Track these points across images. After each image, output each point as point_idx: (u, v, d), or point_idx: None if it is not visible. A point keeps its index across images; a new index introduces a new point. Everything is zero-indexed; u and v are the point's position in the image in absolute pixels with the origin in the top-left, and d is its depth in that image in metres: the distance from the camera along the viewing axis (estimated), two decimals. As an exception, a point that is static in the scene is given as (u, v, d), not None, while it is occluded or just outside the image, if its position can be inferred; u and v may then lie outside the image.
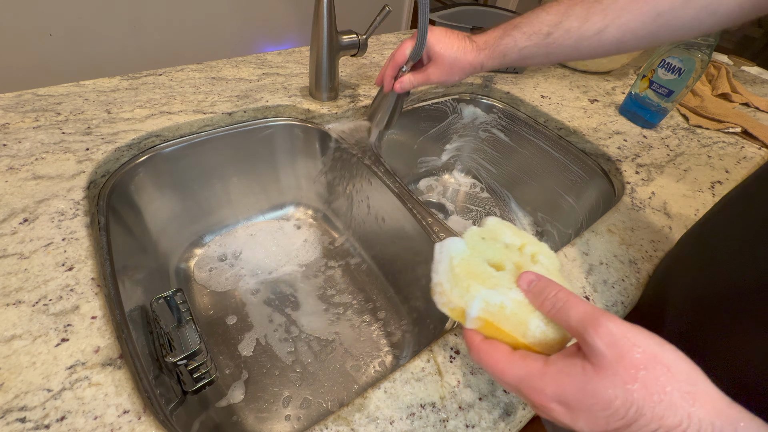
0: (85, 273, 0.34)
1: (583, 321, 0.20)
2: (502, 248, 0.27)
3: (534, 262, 0.27)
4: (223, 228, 0.66)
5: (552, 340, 0.23)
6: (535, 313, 0.23)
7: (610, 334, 0.19)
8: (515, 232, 0.29)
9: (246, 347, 0.53)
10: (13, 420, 0.26)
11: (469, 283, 0.24)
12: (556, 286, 0.23)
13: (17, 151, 0.45)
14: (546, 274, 0.25)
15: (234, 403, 0.48)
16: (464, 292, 0.24)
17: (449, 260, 0.25)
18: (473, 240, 0.27)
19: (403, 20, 2.07)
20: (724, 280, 0.34)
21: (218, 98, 0.58)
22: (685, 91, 0.64)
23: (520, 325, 0.23)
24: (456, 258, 0.25)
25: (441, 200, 0.82)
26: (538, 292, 0.23)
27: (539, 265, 0.27)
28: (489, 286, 0.24)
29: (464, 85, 0.76)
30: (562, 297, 0.22)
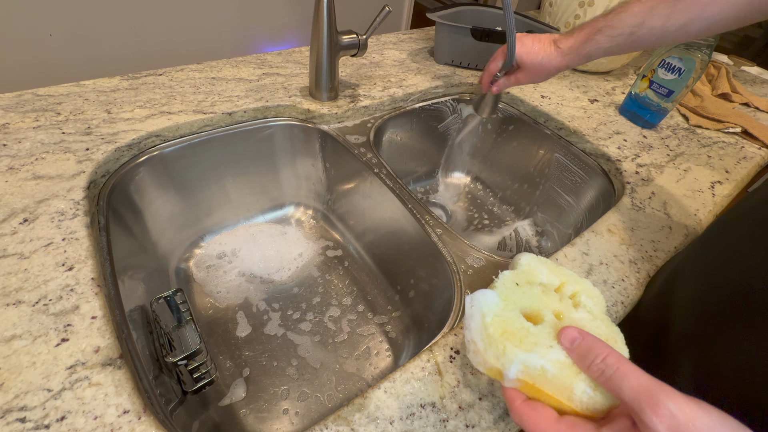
0: (85, 273, 0.34)
1: (639, 397, 0.18)
2: (538, 293, 0.25)
3: (576, 306, 0.25)
4: (223, 228, 0.66)
5: (601, 405, 0.21)
6: (580, 376, 0.21)
7: (671, 416, 0.17)
8: (552, 269, 0.27)
9: (246, 347, 0.53)
10: (13, 420, 0.26)
11: (504, 345, 0.22)
12: (603, 348, 0.21)
13: (17, 151, 0.45)
14: (590, 320, 0.24)
15: (234, 403, 0.48)
16: (500, 354, 0.22)
17: (481, 317, 0.23)
18: (506, 288, 0.25)
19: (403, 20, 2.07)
20: (731, 284, 0.34)
21: (218, 98, 0.58)
22: (685, 91, 0.64)
23: (564, 389, 0.21)
24: (488, 315, 0.23)
25: (441, 200, 0.82)
26: (583, 353, 0.21)
27: (582, 310, 0.25)
28: (527, 348, 0.22)
29: (464, 85, 0.76)
30: (612, 363, 0.20)
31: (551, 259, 0.43)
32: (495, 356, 0.22)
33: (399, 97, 0.68)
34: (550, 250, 0.72)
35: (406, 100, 0.69)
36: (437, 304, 0.49)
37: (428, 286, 0.51)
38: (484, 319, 0.23)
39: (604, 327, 0.24)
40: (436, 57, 0.82)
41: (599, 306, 0.25)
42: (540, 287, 0.25)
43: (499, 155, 0.80)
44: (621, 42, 0.41)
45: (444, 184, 0.86)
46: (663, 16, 0.38)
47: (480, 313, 0.23)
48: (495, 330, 0.23)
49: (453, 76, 0.77)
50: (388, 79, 0.72)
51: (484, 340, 0.23)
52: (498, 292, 0.24)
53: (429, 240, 0.47)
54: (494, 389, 0.32)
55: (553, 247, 0.72)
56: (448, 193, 0.84)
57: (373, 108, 0.65)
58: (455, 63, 0.80)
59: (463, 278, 0.43)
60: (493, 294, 0.24)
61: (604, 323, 0.24)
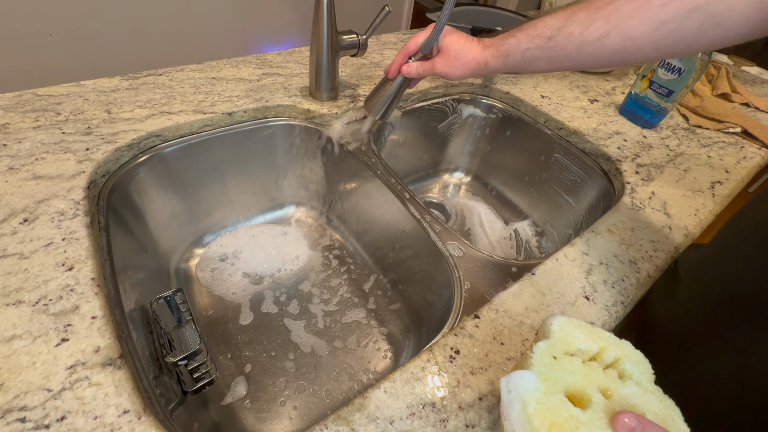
0: (85, 273, 0.34)
1: None
2: (580, 369, 0.23)
3: (622, 378, 0.23)
4: (223, 228, 0.66)
5: None
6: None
7: None
8: (587, 333, 0.25)
9: (246, 347, 0.53)
10: (13, 420, 0.26)
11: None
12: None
13: (17, 151, 0.45)
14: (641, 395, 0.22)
15: (234, 403, 0.48)
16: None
17: (522, 406, 0.21)
18: (544, 365, 0.22)
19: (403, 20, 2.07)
20: (733, 283, 0.34)
21: (218, 98, 0.58)
22: (685, 91, 0.64)
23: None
24: (530, 402, 0.20)
25: (441, 200, 0.82)
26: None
27: (630, 382, 0.22)
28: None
29: (464, 85, 0.76)
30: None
31: (550, 259, 0.43)
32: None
33: (399, 97, 0.68)
34: (550, 250, 0.72)
35: (406, 100, 0.69)
36: (437, 304, 0.49)
37: (428, 285, 0.51)
38: (526, 409, 0.20)
39: (657, 402, 0.22)
40: (436, 57, 0.82)
41: (646, 374, 0.23)
42: (580, 359, 0.23)
43: (499, 155, 0.80)
44: (540, 45, 0.40)
45: (444, 183, 0.86)
46: (583, 23, 0.36)
47: (521, 401, 0.21)
48: (541, 423, 0.20)
49: (453, 76, 0.77)
50: (388, 79, 0.72)
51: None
52: (536, 372, 0.22)
53: (429, 240, 0.47)
54: (494, 389, 0.32)
55: (553, 247, 0.72)
56: (448, 193, 0.84)
57: (373, 108, 0.65)
58: (455, 63, 0.80)
59: (462, 278, 0.43)
60: (532, 376, 0.21)
61: (656, 396, 0.22)
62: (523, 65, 0.42)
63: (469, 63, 0.45)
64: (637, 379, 0.22)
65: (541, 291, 0.40)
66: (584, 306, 0.39)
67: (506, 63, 0.43)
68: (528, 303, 0.38)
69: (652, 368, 0.23)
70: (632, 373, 0.23)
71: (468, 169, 0.87)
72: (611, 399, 0.22)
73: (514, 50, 0.42)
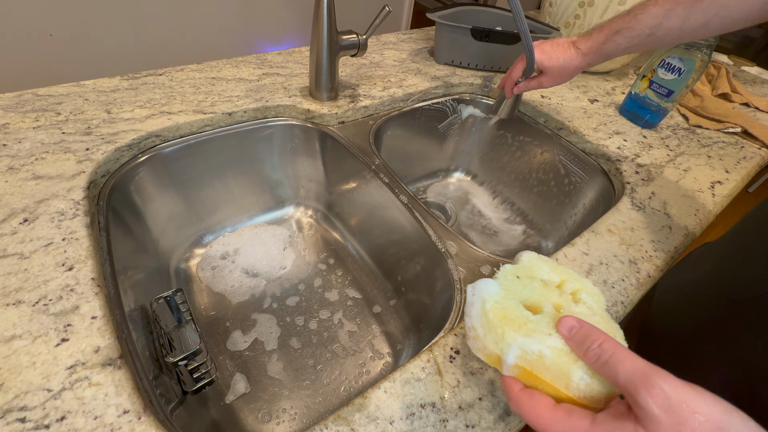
0: (85, 273, 0.34)
1: (633, 379, 0.19)
2: (539, 287, 0.25)
3: (576, 302, 0.25)
4: (223, 228, 0.66)
5: (598, 393, 0.21)
6: (578, 363, 0.21)
7: (665, 396, 0.17)
8: (553, 268, 0.27)
9: (246, 347, 0.53)
10: (13, 420, 0.26)
11: (503, 330, 0.22)
12: (600, 335, 0.21)
13: (17, 151, 0.45)
14: (590, 315, 0.24)
15: (234, 403, 0.48)
16: (499, 339, 0.22)
17: (482, 304, 0.24)
18: (507, 280, 0.25)
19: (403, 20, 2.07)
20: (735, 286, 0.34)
21: (218, 98, 0.58)
22: (685, 91, 0.64)
23: (561, 375, 0.21)
24: (489, 301, 0.23)
25: (441, 200, 0.82)
26: (580, 340, 0.21)
27: (582, 305, 0.25)
28: (525, 333, 0.22)
29: (464, 85, 0.76)
30: (608, 348, 0.20)
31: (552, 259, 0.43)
32: (494, 341, 0.23)
33: (399, 97, 0.68)
34: (551, 251, 0.72)
35: (406, 100, 0.69)
36: (437, 304, 0.49)
37: (428, 286, 0.51)
38: (485, 306, 0.23)
39: (604, 323, 0.24)
40: (436, 57, 0.82)
41: (599, 304, 0.25)
42: (541, 283, 0.26)
43: (499, 155, 0.80)
44: (639, 42, 0.43)
45: (444, 184, 0.86)
46: (681, 17, 0.39)
47: (481, 300, 0.24)
48: (495, 316, 0.23)
49: (453, 76, 0.77)
50: (388, 79, 0.72)
51: (483, 325, 0.23)
52: (499, 282, 0.25)
53: (429, 240, 0.47)
54: (494, 389, 0.32)
55: (553, 247, 0.72)
56: (448, 193, 0.84)
57: (373, 108, 0.65)
58: (455, 63, 0.80)
59: (462, 278, 0.43)
60: (494, 283, 0.25)
61: (604, 319, 0.24)
62: (622, 54, 0.47)
63: (573, 73, 0.51)
64: (590, 305, 0.25)
65: (541, 291, 0.40)
66: (584, 306, 0.39)
67: (607, 59, 0.48)
68: (528, 303, 0.38)
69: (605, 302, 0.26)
70: (586, 300, 0.25)
71: (468, 169, 0.87)
72: (562, 313, 0.24)
73: (614, 51, 0.46)
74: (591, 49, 0.47)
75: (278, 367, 0.52)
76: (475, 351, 0.24)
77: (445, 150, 0.84)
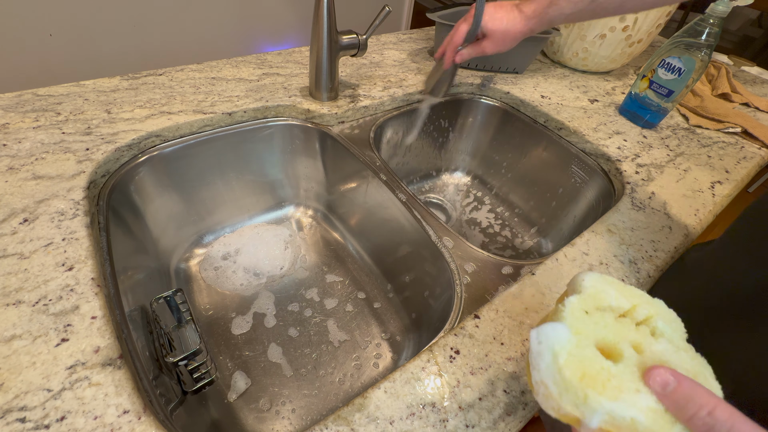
0: (85, 273, 0.34)
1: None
2: (612, 323, 0.22)
3: (654, 336, 0.22)
4: (223, 228, 0.66)
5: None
6: (676, 426, 0.18)
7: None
8: (620, 290, 0.24)
9: (246, 347, 0.53)
10: (13, 420, 0.26)
11: (586, 393, 0.19)
12: (707, 398, 0.17)
13: (17, 151, 0.45)
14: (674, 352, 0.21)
15: (234, 403, 0.48)
16: (580, 402, 0.19)
17: (553, 357, 0.20)
18: (576, 319, 0.22)
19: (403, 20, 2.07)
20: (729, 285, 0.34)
21: (218, 98, 0.58)
22: (685, 91, 0.64)
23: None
24: (561, 354, 0.20)
25: (441, 200, 0.82)
26: (681, 403, 0.18)
27: (662, 340, 0.22)
28: (612, 396, 0.19)
29: (464, 85, 0.76)
30: (724, 419, 0.17)
31: (550, 259, 0.43)
32: (573, 403, 0.20)
33: (399, 97, 0.68)
34: (550, 250, 0.72)
35: (406, 100, 0.69)
36: (437, 304, 0.49)
37: (428, 286, 0.51)
38: (557, 360, 0.20)
39: (689, 359, 0.21)
40: (436, 57, 0.82)
41: (678, 332, 0.23)
42: (612, 315, 0.23)
43: (498, 155, 0.80)
44: (583, 8, 0.42)
45: (444, 184, 0.86)
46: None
47: (551, 352, 0.20)
48: (572, 374, 0.20)
49: (453, 76, 0.77)
50: (388, 79, 0.72)
51: (558, 383, 0.20)
52: (568, 324, 0.22)
53: (429, 240, 0.47)
54: (494, 389, 0.32)
55: (553, 247, 0.72)
56: (448, 193, 0.84)
57: (373, 108, 0.65)
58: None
59: (462, 278, 0.43)
60: (563, 328, 0.21)
61: (689, 354, 0.22)
62: (566, 23, 0.46)
63: (516, 37, 0.48)
64: (669, 337, 0.22)
65: (541, 291, 0.40)
66: (584, 306, 0.39)
67: (551, 26, 0.46)
68: (528, 303, 0.38)
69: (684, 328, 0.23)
70: (664, 331, 0.22)
71: (468, 169, 0.87)
72: (643, 354, 0.21)
73: (557, 17, 0.44)
74: (535, 12, 0.45)
75: (278, 367, 0.52)
76: (545, 408, 0.21)
77: (445, 150, 0.84)
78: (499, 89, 0.75)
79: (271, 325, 0.56)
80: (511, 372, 0.33)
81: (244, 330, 0.55)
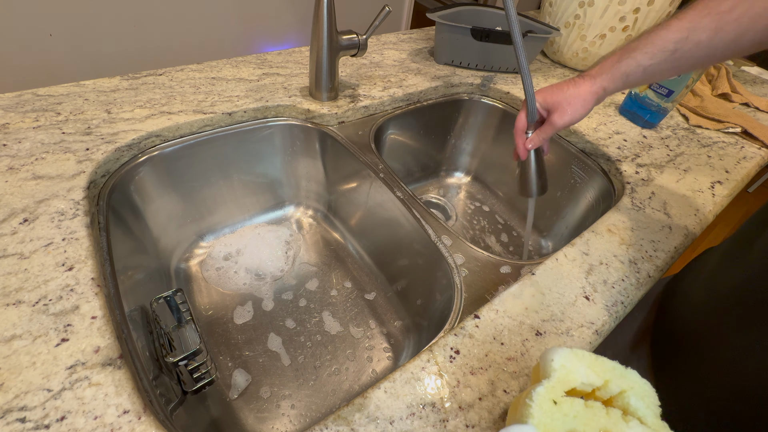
0: (85, 273, 0.34)
1: None
2: (581, 411, 0.22)
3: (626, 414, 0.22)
4: (223, 228, 0.66)
5: None
6: None
7: None
8: (591, 365, 0.24)
9: (246, 347, 0.53)
10: (13, 420, 0.26)
11: None
12: None
13: (17, 151, 0.45)
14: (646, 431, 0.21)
15: (234, 403, 0.48)
16: None
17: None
18: (544, 413, 0.22)
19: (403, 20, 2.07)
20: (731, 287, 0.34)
21: (218, 98, 0.58)
22: (685, 91, 0.64)
23: None
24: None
25: (441, 200, 0.82)
26: None
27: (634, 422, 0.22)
28: None
29: (464, 85, 0.76)
30: None
31: (550, 259, 0.43)
32: None
33: (399, 97, 0.68)
34: (550, 250, 0.72)
35: (406, 100, 0.69)
36: (437, 304, 0.49)
37: (428, 285, 0.51)
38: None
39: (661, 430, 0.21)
40: (436, 57, 0.82)
41: (651, 407, 0.22)
42: (581, 401, 0.23)
43: (499, 155, 0.80)
44: (663, 59, 0.39)
45: (444, 184, 0.86)
46: (710, 30, 0.35)
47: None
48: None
49: (453, 76, 0.77)
50: (388, 79, 0.72)
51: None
52: (536, 423, 0.21)
53: (429, 240, 0.47)
54: (494, 389, 0.32)
55: (553, 247, 0.72)
56: (448, 193, 0.84)
57: (373, 108, 0.65)
58: (455, 63, 0.80)
59: (462, 278, 0.43)
60: (530, 430, 0.21)
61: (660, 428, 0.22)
62: (644, 80, 0.42)
63: (586, 99, 0.44)
64: (642, 415, 0.22)
65: (541, 291, 0.40)
66: (584, 306, 0.39)
67: (626, 82, 0.42)
68: (528, 303, 0.38)
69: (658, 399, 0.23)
70: (637, 408, 0.22)
71: (468, 169, 0.87)
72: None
73: (634, 71, 0.41)
74: (602, 69, 0.42)
75: (279, 367, 0.52)
76: None
77: (445, 150, 0.84)
78: (499, 89, 0.75)
79: (272, 325, 0.56)
80: (511, 372, 0.33)
81: (245, 330, 0.55)
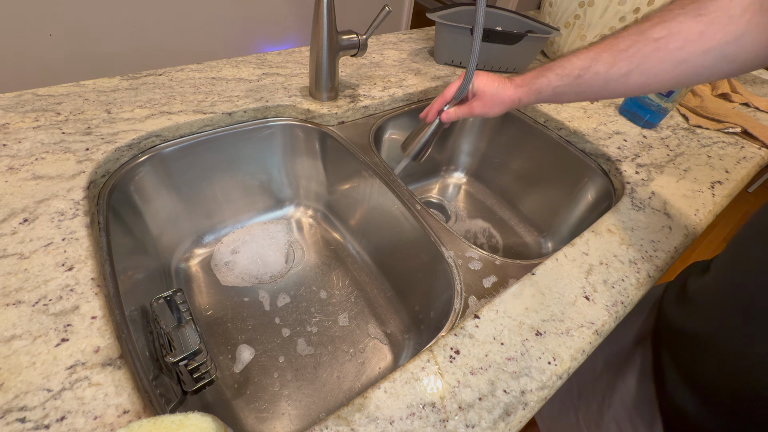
0: (85, 273, 0.34)
1: None
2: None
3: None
4: (223, 228, 0.66)
5: None
6: None
7: None
8: (150, 430, 0.22)
9: (246, 347, 0.53)
10: (13, 420, 0.26)
11: None
12: None
13: (17, 151, 0.45)
14: None
15: (234, 403, 0.48)
16: None
17: None
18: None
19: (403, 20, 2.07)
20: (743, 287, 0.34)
21: (218, 98, 0.58)
22: (685, 91, 0.64)
23: None
24: None
25: (441, 200, 0.82)
26: None
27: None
28: None
29: (464, 85, 0.76)
30: None
31: (550, 259, 0.43)
32: None
33: (399, 97, 0.68)
34: (550, 250, 0.72)
35: (406, 100, 0.69)
36: (437, 304, 0.49)
37: (428, 286, 0.51)
38: None
39: None
40: (436, 57, 0.82)
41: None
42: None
43: (499, 155, 0.80)
44: (569, 82, 0.43)
45: (444, 184, 0.86)
46: (607, 63, 0.40)
47: None
48: None
49: (453, 76, 0.77)
50: (388, 79, 0.72)
51: None
52: None
53: (428, 240, 0.47)
54: (494, 389, 0.32)
55: (553, 247, 0.72)
56: (448, 193, 0.84)
57: (373, 108, 0.65)
58: (455, 63, 0.80)
59: (462, 278, 0.43)
60: None
61: None
62: (554, 98, 0.46)
63: (504, 102, 0.49)
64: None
65: (541, 291, 0.40)
66: (584, 306, 0.39)
67: (538, 98, 0.47)
68: (528, 303, 0.38)
69: None
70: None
71: (468, 169, 0.87)
72: None
73: (545, 88, 0.45)
74: (523, 82, 0.48)
75: (278, 367, 0.52)
76: None
77: (445, 150, 0.84)
78: (499, 89, 0.75)
79: (272, 325, 0.56)
80: (511, 372, 0.33)
81: (244, 330, 0.55)
